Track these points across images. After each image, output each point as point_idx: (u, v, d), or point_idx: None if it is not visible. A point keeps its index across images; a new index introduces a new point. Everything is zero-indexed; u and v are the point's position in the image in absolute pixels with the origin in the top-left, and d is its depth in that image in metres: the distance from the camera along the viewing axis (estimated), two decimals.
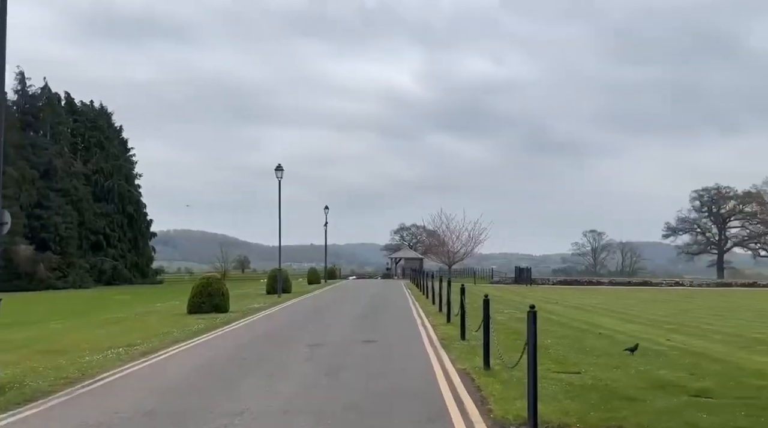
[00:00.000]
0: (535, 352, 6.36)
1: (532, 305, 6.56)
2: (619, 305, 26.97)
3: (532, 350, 6.36)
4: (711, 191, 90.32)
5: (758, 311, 24.37)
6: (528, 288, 45.88)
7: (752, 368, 10.06)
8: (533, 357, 6.31)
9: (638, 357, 10.85)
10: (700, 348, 12.61)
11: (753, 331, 16.31)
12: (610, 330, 15.93)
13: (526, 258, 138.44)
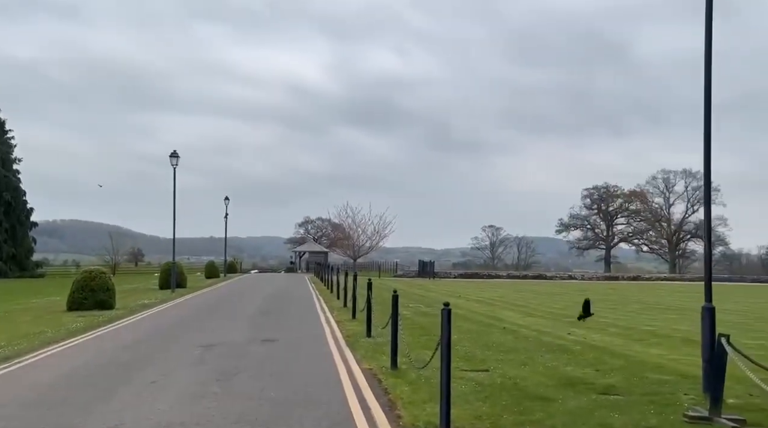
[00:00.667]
0: (449, 354, 5.87)
1: (446, 303, 6.05)
2: (519, 298, 27.53)
3: (446, 351, 5.85)
4: (600, 190, 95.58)
5: (644, 303, 25.61)
6: (431, 282, 46.31)
7: (651, 362, 10.17)
8: (447, 360, 5.81)
9: (544, 353, 10.74)
10: (600, 341, 12.76)
11: (643, 323, 16.90)
12: (513, 323, 15.96)
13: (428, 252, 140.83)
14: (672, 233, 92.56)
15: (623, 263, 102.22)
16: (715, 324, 7.54)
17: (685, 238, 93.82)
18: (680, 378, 8.70)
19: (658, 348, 12.10)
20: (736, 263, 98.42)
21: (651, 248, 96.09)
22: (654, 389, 7.89)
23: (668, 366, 9.66)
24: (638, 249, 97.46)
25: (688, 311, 21.55)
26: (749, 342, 12.84)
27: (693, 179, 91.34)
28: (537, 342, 12.34)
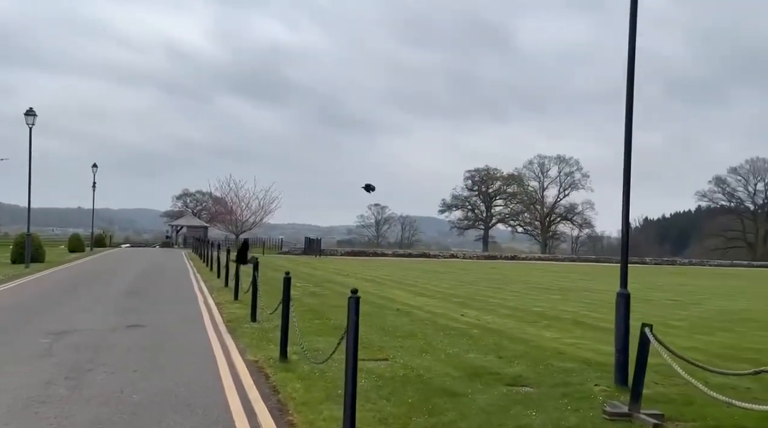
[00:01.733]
0: (355, 352, 4.92)
1: (354, 290, 5.06)
2: (407, 277, 27.24)
3: (353, 347, 4.90)
4: (481, 172, 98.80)
5: (527, 283, 26.20)
6: (318, 259, 45.30)
7: (550, 347, 9.84)
8: (353, 359, 4.86)
9: (443, 338, 10.13)
10: (495, 324, 12.42)
11: (531, 304, 16.94)
12: (405, 304, 15.37)
13: (314, 229, 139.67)
14: (545, 216, 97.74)
15: (499, 243, 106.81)
16: (629, 311, 7.14)
17: (556, 220, 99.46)
18: (584, 365, 8.35)
19: (551, 330, 11.91)
20: (598, 244, 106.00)
21: (525, 229, 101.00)
22: (563, 379, 7.43)
23: (569, 353, 9.34)
24: (514, 230, 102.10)
25: (568, 291, 22.21)
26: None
27: (566, 165, 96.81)
28: (433, 325, 11.75)
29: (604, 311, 15.87)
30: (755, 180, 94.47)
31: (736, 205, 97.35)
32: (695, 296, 21.94)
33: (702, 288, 26.65)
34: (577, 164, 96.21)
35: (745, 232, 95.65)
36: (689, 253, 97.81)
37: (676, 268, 54.19)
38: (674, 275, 38.45)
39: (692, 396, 6.79)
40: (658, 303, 18.46)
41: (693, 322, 14.06)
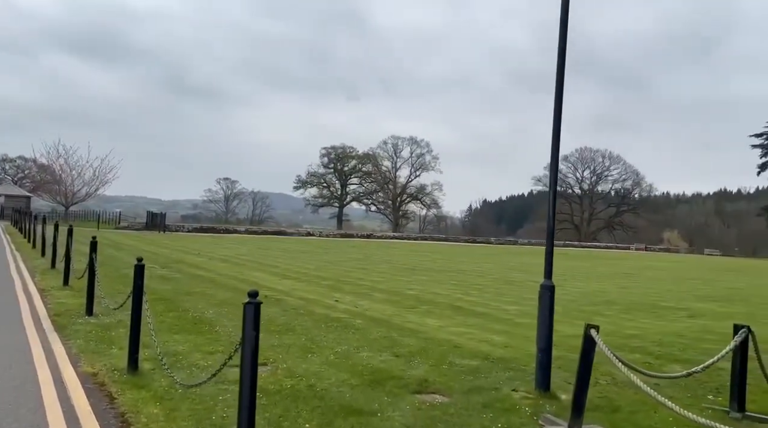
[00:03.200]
0: (253, 376, 3.46)
1: (253, 293, 3.62)
2: (266, 257, 25.49)
3: (249, 371, 3.44)
4: (338, 150, 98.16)
5: (391, 263, 25.64)
6: (163, 236, 41.68)
7: (441, 338, 8.94)
8: (250, 393, 3.39)
9: (326, 332, 8.82)
10: (374, 311, 11.35)
11: (404, 287, 16.18)
12: (272, 289, 13.83)
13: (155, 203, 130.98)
14: (397, 195, 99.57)
15: (352, 221, 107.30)
16: (554, 305, 6.30)
17: (407, 200, 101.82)
18: (487, 362, 7.49)
19: (433, 317, 11.08)
20: (443, 224, 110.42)
21: (378, 208, 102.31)
22: (473, 383, 6.47)
23: (465, 346, 8.47)
24: (367, 208, 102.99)
25: (433, 272, 21.87)
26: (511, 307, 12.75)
27: (417, 147, 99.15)
28: (310, 315, 10.39)
29: (474, 293, 15.53)
30: (582, 168, 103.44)
31: (565, 190, 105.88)
32: (555, 277, 22.56)
33: (555, 268, 27.71)
34: (428, 146, 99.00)
35: (573, 215, 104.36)
36: (523, 233, 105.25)
37: (518, 248, 57.31)
38: (521, 255, 40.27)
39: (615, 401, 6.15)
40: (523, 286, 18.57)
41: (565, 306, 14.01)
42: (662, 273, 28.94)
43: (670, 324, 11.83)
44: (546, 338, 6.00)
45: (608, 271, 28.29)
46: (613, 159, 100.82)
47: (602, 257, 45.06)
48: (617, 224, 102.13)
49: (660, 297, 16.94)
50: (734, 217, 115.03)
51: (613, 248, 68.24)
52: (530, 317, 11.85)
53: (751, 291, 20.55)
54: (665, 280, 24.24)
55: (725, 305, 15.79)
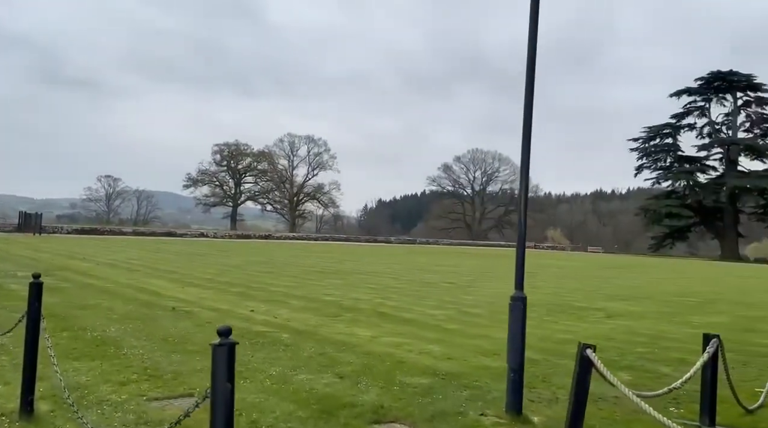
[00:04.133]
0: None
1: (224, 330, 2.70)
2: (161, 261, 23.60)
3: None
4: (231, 147, 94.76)
5: (299, 266, 24.61)
6: (39, 238, 37.90)
7: (381, 352, 8.24)
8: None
9: (254, 350, 7.83)
10: (297, 322, 10.46)
11: (319, 292, 15.33)
12: (177, 299, 12.50)
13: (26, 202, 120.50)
14: (294, 194, 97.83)
15: (246, 221, 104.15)
16: (525, 319, 5.77)
17: (304, 200, 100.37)
18: (438, 379, 6.87)
19: (361, 326, 10.37)
20: (339, 223, 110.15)
21: (275, 208, 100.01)
22: (434, 407, 5.82)
23: (407, 360, 7.82)
24: (263, 208, 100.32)
25: (345, 274, 21.12)
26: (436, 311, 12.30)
27: (315, 145, 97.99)
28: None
29: (394, 297, 14.98)
30: (474, 168, 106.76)
31: (458, 190, 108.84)
32: (464, 277, 22.57)
33: (462, 268, 27.92)
34: (326, 144, 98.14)
35: (465, 214, 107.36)
36: (417, 232, 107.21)
37: (419, 247, 57.84)
38: (424, 255, 40.44)
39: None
40: (439, 287, 18.27)
41: (488, 308, 13.77)
42: (562, 272, 29.93)
43: (593, 326, 11.83)
44: (519, 356, 5.46)
45: (510, 270, 28.80)
46: (503, 160, 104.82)
47: (500, 256, 46.28)
48: (506, 223, 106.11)
49: (572, 297, 17.21)
50: (609, 215, 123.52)
51: (506, 246, 70.66)
52: (458, 322, 11.46)
53: (651, 288, 21.51)
54: (568, 278, 24.97)
55: (634, 303, 16.25)
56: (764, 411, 6.26)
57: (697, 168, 74.89)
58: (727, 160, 72.73)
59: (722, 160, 73.94)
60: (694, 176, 74.21)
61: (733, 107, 73.72)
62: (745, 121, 73.73)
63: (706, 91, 73.82)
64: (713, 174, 74.69)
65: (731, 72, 71.55)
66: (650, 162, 75.66)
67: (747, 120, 73.48)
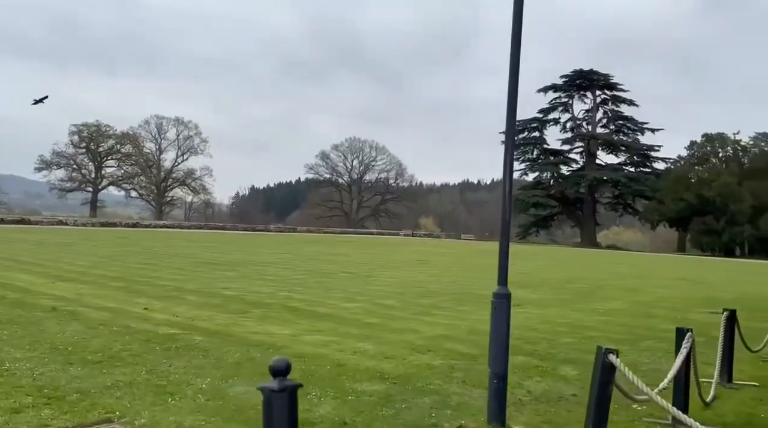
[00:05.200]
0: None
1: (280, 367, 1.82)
2: (20, 252, 20.77)
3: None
4: (91, 128, 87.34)
5: (185, 257, 22.77)
6: None
7: (311, 353, 7.46)
8: None
9: (169, 358, 6.69)
10: (204, 321, 9.35)
11: (215, 286, 14.07)
12: (52, 297, 10.79)
13: None
14: (161, 180, 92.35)
15: (106, 208, 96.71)
16: (510, 319, 5.23)
17: (173, 185, 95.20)
18: (389, 384, 6.22)
19: (275, 324, 9.48)
20: (210, 211, 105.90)
21: (140, 194, 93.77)
22: (403, 419, 5.17)
23: (346, 362, 7.09)
24: (128, 194, 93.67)
25: (238, 266, 19.76)
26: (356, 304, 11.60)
27: (185, 128, 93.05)
28: (127, 332, 8.01)
29: (300, 290, 14.10)
30: (352, 157, 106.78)
31: (336, 178, 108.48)
32: (361, 267, 22.00)
33: (354, 258, 27.33)
34: (197, 128, 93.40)
35: (343, 202, 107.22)
36: (294, 220, 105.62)
37: (301, 236, 56.60)
38: (311, 244, 39.47)
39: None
40: (339, 277, 17.57)
41: (399, 299, 13.30)
42: (450, 259, 30.36)
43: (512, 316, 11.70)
44: (502, 360, 4.91)
45: (402, 258, 28.77)
46: (379, 150, 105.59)
47: (384, 244, 46.40)
48: (383, 211, 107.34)
49: (472, 285, 17.24)
50: (476, 205, 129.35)
51: (386, 234, 71.37)
52: (377, 316, 10.85)
53: (540, 275, 22.23)
54: (458, 266, 25.27)
55: (532, 291, 16.55)
56: (720, 403, 6.23)
57: (561, 160, 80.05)
58: (587, 153, 78.40)
59: (583, 153, 79.62)
60: (558, 168, 79.22)
61: (593, 104, 79.54)
62: (603, 117, 79.88)
63: (570, 88, 78.93)
64: (575, 166, 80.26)
65: (592, 71, 76.99)
66: (519, 154, 79.60)
67: (604, 116, 79.63)
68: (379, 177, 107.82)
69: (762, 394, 6.54)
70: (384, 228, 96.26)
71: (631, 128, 78.19)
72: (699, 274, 29.07)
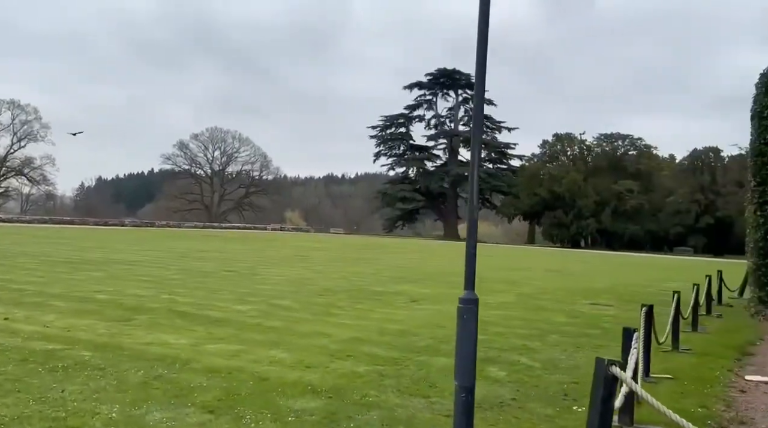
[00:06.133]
0: None
1: None
2: None
3: None
4: None
5: (33, 256, 20.22)
6: None
7: (224, 366, 6.68)
8: None
9: (58, 380, 5.61)
10: (81, 330, 8.15)
11: (85, 289, 12.54)
12: None
13: None
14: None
15: None
16: (477, 326, 4.84)
17: (7, 175, 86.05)
18: (327, 400, 5.67)
19: (168, 332, 8.51)
20: (51, 203, 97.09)
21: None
22: None
23: (269, 376, 6.41)
24: None
25: (99, 264, 17.87)
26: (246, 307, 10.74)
27: (22, 112, 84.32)
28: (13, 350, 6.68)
29: (182, 291, 12.98)
30: (213, 147, 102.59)
31: (195, 170, 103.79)
32: (240, 264, 20.85)
33: (229, 254, 25.96)
34: (36, 112, 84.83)
35: (203, 195, 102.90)
36: (146, 213, 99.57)
37: (161, 231, 53.23)
38: (174, 239, 37.12)
39: None
40: (223, 277, 16.46)
41: (295, 298, 12.62)
42: (328, 254, 29.89)
43: (413, 313, 11.53)
44: (471, 372, 4.53)
45: (279, 254, 27.86)
46: (243, 141, 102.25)
47: (254, 239, 44.88)
48: (247, 205, 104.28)
49: (362, 281, 16.94)
50: (340, 198, 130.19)
51: (253, 228, 69.32)
52: (277, 319, 10.15)
53: (421, 269, 22.44)
54: (341, 261, 24.89)
55: (422, 285, 16.59)
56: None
57: (426, 156, 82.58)
58: (450, 150, 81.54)
59: (446, 150, 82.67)
60: (423, 164, 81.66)
61: (455, 102, 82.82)
62: (465, 115, 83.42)
63: (434, 86, 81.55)
64: (439, 162, 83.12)
65: (454, 71, 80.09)
66: (386, 149, 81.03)
67: (466, 115, 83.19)
68: (243, 169, 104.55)
69: (681, 387, 6.78)
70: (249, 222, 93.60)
71: (490, 127, 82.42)
72: (561, 265, 31.09)
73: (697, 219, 66.42)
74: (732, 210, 64.73)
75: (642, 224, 68.32)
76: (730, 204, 64.98)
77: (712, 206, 66.75)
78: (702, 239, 66.38)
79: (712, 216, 65.88)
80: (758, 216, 13.23)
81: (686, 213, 66.96)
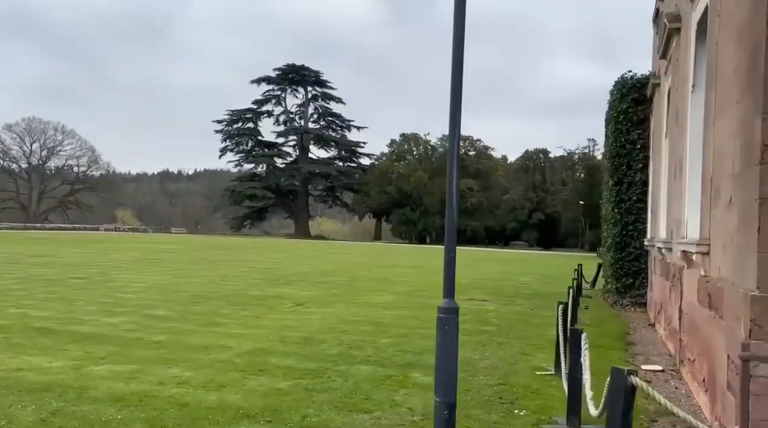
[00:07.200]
0: None
1: None
2: None
3: None
4: None
5: None
6: None
7: (132, 392, 5.76)
8: None
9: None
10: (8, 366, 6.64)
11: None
12: None
13: None
14: None
15: None
16: (458, 337, 4.51)
17: None
18: (275, 426, 5.05)
19: (36, 353, 7.31)
20: None
21: None
22: None
23: (186, 401, 5.62)
24: None
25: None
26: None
27: None
28: None
29: (31, 303, 11.40)
30: (31, 140, 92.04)
31: (9, 164, 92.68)
32: (87, 269, 18.68)
33: (69, 258, 23.23)
34: None
35: (19, 193, 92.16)
36: None
37: None
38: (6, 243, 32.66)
39: None
40: (74, 285, 14.62)
41: (173, 309, 11.45)
42: (181, 256, 28.00)
43: (305, 318, 10.96)
44: (453, 387, 4.22)
45: (126, 257, 25.55)
46: (67, 133, 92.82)
47: (89, 241, 40.91)
48: (72, 203, 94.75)
49: (233, 285, 15.98)
50: (177, 196, 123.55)
51: (83, 229, 63.28)
52: (159, 331, 9.14)
53: (290, 270, 21.73)
54: (198, 263, 23.37)
55: (301, 287, 16.01)
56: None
57: (276, 153, 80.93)
58: (300, 147, 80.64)
59: (296, 147, 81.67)
60: (273, 160, 79.90)
61: (305, 99, 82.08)
62: (314, 113, 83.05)
63: (283, 81, 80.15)
64: (289, 159, 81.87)
65: (303, 67, 79.33)
66: (233, 145, 78.18)
67: (315, 112, 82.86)
68: (67, 164, 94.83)
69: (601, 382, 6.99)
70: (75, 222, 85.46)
71: (340, 125, 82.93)
72: (419, 261, 31.89)
73: (530, 215, 72.19)
74: (558, 207, 71.31)
75: (482, 220, 72.78)
76: (557, 202, 71.51)
77: (543, 203, 72.94)
78: (534, 234, 72.33)
79: (543, 213, 71.96)
80: (615, 213, 14.38)
81: (521, 210, 72.50)
